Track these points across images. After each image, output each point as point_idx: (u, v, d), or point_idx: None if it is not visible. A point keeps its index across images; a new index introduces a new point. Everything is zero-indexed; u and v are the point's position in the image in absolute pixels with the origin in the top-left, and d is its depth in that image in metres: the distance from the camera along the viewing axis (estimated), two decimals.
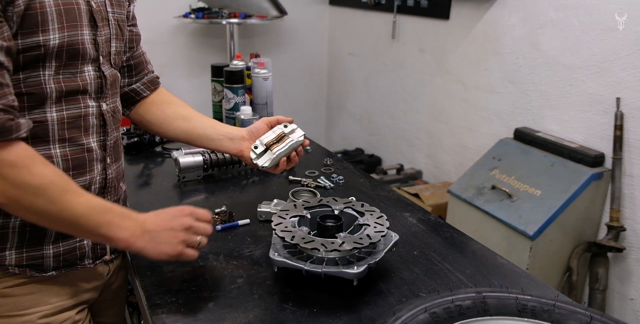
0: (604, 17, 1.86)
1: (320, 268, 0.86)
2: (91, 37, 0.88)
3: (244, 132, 1.15)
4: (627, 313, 1.94)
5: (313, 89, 3.82)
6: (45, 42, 0.80)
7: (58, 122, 0.86)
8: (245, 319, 0.84)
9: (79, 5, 0.85)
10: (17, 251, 0.88)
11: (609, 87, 1.89)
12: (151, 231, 0.87)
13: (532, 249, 1.86)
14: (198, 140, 1.15)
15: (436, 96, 2.76)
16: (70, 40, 0.83)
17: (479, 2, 2.38)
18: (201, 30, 3.29)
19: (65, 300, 0.96)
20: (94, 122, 0.92)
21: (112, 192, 0.99)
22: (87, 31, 0.87)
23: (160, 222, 0.89)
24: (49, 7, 0.80)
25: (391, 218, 1.09)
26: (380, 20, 3.07)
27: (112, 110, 0.96)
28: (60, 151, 0.87)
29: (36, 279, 0.91)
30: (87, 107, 0.90)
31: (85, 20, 0.87)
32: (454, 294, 0.78)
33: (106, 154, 0.96)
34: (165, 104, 1.17)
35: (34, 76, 0.82)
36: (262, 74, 1.75)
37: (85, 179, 0.91)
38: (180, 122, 1.15)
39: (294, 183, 1.40)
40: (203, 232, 0.92)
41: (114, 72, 0.97)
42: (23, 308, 0.91)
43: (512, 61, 2.26)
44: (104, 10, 0.92)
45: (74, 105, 0.88)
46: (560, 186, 1.88)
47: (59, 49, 0.82)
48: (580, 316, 0.74)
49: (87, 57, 0.88)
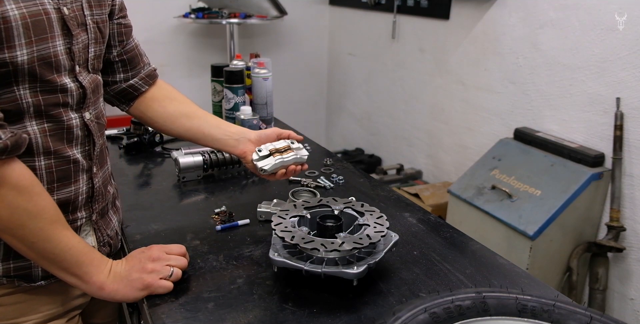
0: (604, 17, 1.87)
1: (320, 268, 0.86)
2: (65, 46, 0.83)
3: (252, 135, 1.13)
4: (627, 313, 1.94)
5: (313, 89, 3.82)
6: (12, 59, 0.74)
7: (41, 134, 0.82)
8: (245, 320, 0.84)
9: (49, 15, 0.79)
10: (4, 263, 0.86)
11: (609, 87, 1.89)
12: (121, 272, 0.88)
13: (532, 249, 1.86)
14: (202, 139, 1.13)
15: (436, 96, 2.76)
16: (40, 55, 0.78)
17: (479, 2, 2.38)
18: (201, 30, 3.29)
19: (55, 308, 0.94)
20: (78, 134, 0.88)
21: (99, 199, 0.96)
22: (60, 41, 0.81)
23: (130, 262, 0.90)
24: (15, 22, 0.73)
25: (391, 218, 1.09)
26: (380, 20, 3.07)
27: (95, 117, 0.92)
28: (45, 164, 0.84)
29: (25, 289, 0.90)
30: (70, 119, 0.86)
31: (58, 30, 0.81)
32: (453, 294, 0.78)
33: (92, 164, 0.93)
34: (167, 101, 1.12)
35: (8, 92, 0.77)
36: (262, 74, 1.75)
37: (70, 190, 0.89)
38: (184, 120, 1.12)
39: (294, 183, 1.40)
40: (176, 264, 0.92)
41: (93, 78, 0.92)
42: (12, 317, 0.90)
43: (512, 61, 2.26)
44: (80, 15, 0.86)
45: (55, 118, 0.84)
46: (560, 186, 1.88)
47: (29, 65, 0.77)
48: (580, 316, 0.74)
49: (62, 69, 0.83)
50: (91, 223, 0.96)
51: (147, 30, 3.10)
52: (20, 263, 0.87)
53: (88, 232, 0.96)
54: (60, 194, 0.87)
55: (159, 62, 3.24)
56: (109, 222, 1.02)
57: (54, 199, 0.85)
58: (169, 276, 0.90)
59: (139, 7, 1.10)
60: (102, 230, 0.99)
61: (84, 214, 0.93)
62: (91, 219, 0.95)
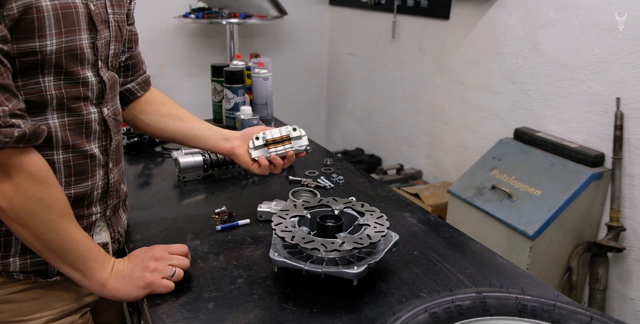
0: (604, 17, 1.87)
1: (320, 268, 0.86)
2: (90, 41, 0.86)
3: (238, 134, 1.16)
4: (627, 313, 1.94)
5: (313, 89, 3.82)
6: (42, 48, 0.77)
7: (61, 128, 0.84)
8: (245, 320, 0.84)
9: (78, 8, 0.82)
10: (21, 258, 0.88)
11: (609, 87, 1.89)
12: (123, 270, 0.89)
13: (532, 249, 1.86)
14: (194, 140, 1.16)
15: (436, 96, 2.76)
16: (68, 46, 0.81)
17: (479, 2, 2.38)
18: (201, 30, 3.29)
19: (69, 304, 0.96)
20: (96, 128, 0.90)
21: (114, 195, 0.98)
22: (86, 35, 0.85)
23: (132, 261, 0.91)
24: (47, 12, 0.77)
25: (391, 218, 1.09)
26: (380, 20, 3.07)
27: (113, 114, 0.95)
28: (63, 157, 0.86)
29: (40, 285, 0.91)
30: (89, 113, 0.88)
31: (84, 24, 0.84)
32: (454, 294, 0.78)
33: (109, 159, 0.95)
34: (159, 104, 1.17)
35: (34, 83, 0.80)
36: (262, 74, 1.75)
37: (87, 184, 0.90)
38: (176, 122, 1.15)
39: (294, 183, 1.40)
40: (178, 263, 0.93)
41: (112, 75, 0.95)
42: (27, 313, 0.91)
43: (512, 61, 2.26)
44: (103, 12, 0.90)
45: (75, 112, 0.86)
46: (560, 186, 1.88)
47: (57, 55, 0.80)
48: (580, 316, 0.74)
49: (86, 62, 0.86)
50: (105, 219, 0.97)
51: (147, 30, 3.10)
52: (37, 258, 0.88)
53: (102, 227, 0.97)
54: (78, 188, 0.89)
55: (159, 62, 3.24)
56: (120, 219, 1.04)
57: (71, 193, 0.87)
58: (171, 276, 0.90)
59: (139, 7, 1.10)
60: (114, 227, 1.01)
61: (98, 209, 0.95)
62: (105, 214, 0.97)
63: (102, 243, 0.97)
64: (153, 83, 1.20)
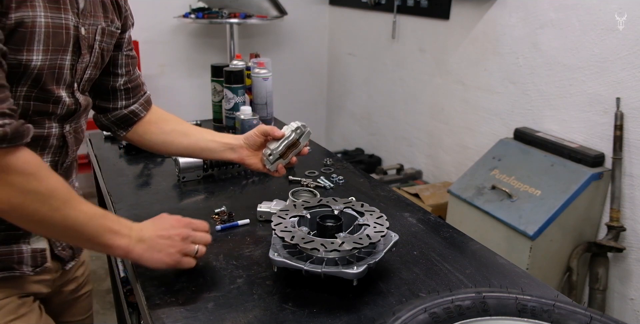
0: (604, 17, 1.87)
1: (320, 268, 0.86)
2: (71, 62, 0.88)
3: (241, 141, 1.18)
4: (627, 313, 1.94)
5: (313, 89, 3.82)
6: (28, 62, 0.80)
7: None
8: (245, 320, 0.84)
9: (69, 30, 0.85)
10: None
11: (609, 87, 1.89)
12: (148, 240, 0.88)
13: (532, 249, 1.86)
14: (201, 153, 1.19)
15: (436, 96, 2.76)
16: (51, 64, 0.83)
17: (479, 2, 2.38)
18: (201, 30, 3.29)
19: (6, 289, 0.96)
20: (53, 143, 0.92)
21: None
22: (69, 57, 0.87)
23: (158, 231, 0.90)
24: (39, 28, 0.79)
25: (391, 218, 1.09)
26: (380, 20, 3.07)
27: (74, 130, 0.96)
28: None
29: None
30: (50, 128, 0.90)
31: (70, 46, 0.87)
32: (453, 294, 0.78)
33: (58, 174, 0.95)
34: (163, 122, 1.19)
35: None
36: (262, 74, 1.75)
37: None
38: (182, 138, 1.18)
39: (294, 183, 1.40)
40: (201, 241, 0.94)
41: (86, 98, 0.97)
42: None
43: (512, 61, 2.26)
44: (92, 37, 0.92)
45: (37, 124, 0.87)
46: (560, 186, 1.88)
47: (39, 71, 0.82)
48: (580, 316, 0.74)
49: (62, 83, 0.88)
50: None
51: (147, 30, 3.10)
52: None
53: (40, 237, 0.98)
54: None
55: (159, 62, 3.24)
56: None
57: None
58: (194, 254, 0.92)
59: (139, 7, 1.10)
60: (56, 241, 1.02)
61: None
62: None
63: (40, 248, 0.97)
64: (153, 83, 1.21)
